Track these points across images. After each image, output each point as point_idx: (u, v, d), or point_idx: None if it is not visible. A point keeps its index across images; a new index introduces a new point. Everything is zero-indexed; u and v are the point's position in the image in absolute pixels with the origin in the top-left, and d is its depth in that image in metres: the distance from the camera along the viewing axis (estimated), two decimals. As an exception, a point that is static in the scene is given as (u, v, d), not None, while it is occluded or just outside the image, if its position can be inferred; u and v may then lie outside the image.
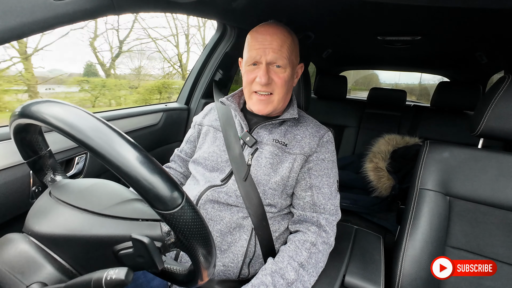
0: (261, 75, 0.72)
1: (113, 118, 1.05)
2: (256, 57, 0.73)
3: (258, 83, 0.73)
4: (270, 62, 0.73)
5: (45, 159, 0.50)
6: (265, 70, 0.72)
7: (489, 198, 0.82)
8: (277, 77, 0.73)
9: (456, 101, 1.78)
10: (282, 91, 0.75)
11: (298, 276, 0.67)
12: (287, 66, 0.74)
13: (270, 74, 0.73)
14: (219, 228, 0.73)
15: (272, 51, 0.71)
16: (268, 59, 0.72)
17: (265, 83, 0.72)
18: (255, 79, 0.74)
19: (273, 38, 0.72)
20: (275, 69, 0.73)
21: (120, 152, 0.33)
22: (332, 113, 2.16)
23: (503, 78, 0.81)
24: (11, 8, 0.49)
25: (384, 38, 1.51)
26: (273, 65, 0.73)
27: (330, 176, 0.78)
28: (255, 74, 0.74)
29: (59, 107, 0.35)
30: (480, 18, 1.05)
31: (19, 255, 0.38)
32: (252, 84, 0.76)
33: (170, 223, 0.35)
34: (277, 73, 0.73)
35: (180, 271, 0.45)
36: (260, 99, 0.75)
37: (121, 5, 0.68)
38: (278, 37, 0.72)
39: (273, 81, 0.74)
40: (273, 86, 0.74)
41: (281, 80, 0.74)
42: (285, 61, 0.73)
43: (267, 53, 0.72)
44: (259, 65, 0.74)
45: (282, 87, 0.74)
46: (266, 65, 0.72)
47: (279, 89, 0.74)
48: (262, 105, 0.76)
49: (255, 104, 0.77)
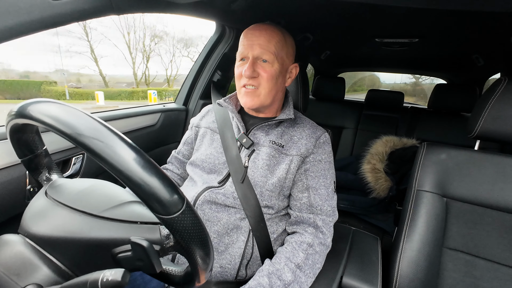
0: (246, 68, 0.73)
1: (110, 119, 1.04)
2: (244, 52, 0.75)
3: (244, 76, 0.74)
4: (257, 57, 0.74)
5: (41, 158, 0.49)
6: (250, 63, 0.73)
7: (485, 199, 0.82)
8: (263, 70, 0.74)
9: (453, 103, 1.79)
10: (268, 85, 0.75)
11: (295, 277, 0.67)
12: (274, 61, 0.75)
13: (256, 68, 0.74)
14: (216, 229, 0.72)
15: (258, 47, 0.73)
16: (255, 54, 0.73)
17: (249, 75, 0.73)
18: (242, 73, 0.75)
19: (261, 34, 0.74)
20: (262, 64, 0.75)
21: (122, 155, 0.32)
22: (330, 115, 2.16)
23: (500, 80, 0.82)
24: (8, 8, 0.48)
25: (382, 40, 1.52)
26: (260, 59, 0.74)
27: (327, 177, 0.78)
28: (243, 68, 0.75)
29: (57, 108, 0.35)
30: (477, 20, 1.06)
31: (14, 257, 0.38)
32: (241, 79, 0.77)
33: (170, 227, 0.34)
34: (264, 67, 0.75)
35: (178, 273, 0.45)
36: (247, 91, 0.77)
37: (120, 6, 0.68)
38: (266, 33, 0.74)
39: (259, 74, 0.75)
40: (259, 80, 0.75)
41: (267, 74, 0.74)
42: (271, 56, 0.74)
43: (254, 49, 0.73)
44: (247, 60, 0.75)
45: (268, 81, 0.75)
46: (253, 59, 0.74)
47: (265, 82, 0.75)
48: (249, 97, 0.77)
49: (243, 97, 0.78)
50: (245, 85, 0.76)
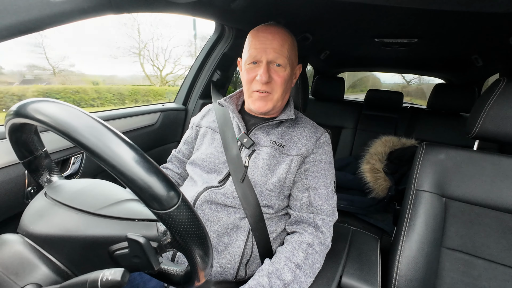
0: (261, 73, 0.72)
1: (110, 118, 1.04)
2: (257, 56, 0.73)
3: (259, 81, 0.73)
4: (271, 61, 0.73)
5: (41, 160, 0.49)
6: (265, 68, 0.72)
7: (484, 199, 0.83)
8: (277, 75, 0.74)
9: (452, 103, 1.80)
10: (281, 89, 0.75)
11: (295, 277, 0.67)
12: (287, 65, 0.74)
13: (270, 73, 0.73)
14: (216, 228, 0.72)
15: (273, 50, 0.72)
16: (269, 58, 0.72)
17: (265, 81, 0.72)
18: (255, 77, 0.74)
19: (274, 37, 0.73)
20: (275, 68, 0.74)
21: (116, 151, 0.32)
22: (330, 115, 2.17)
23: (498, 81, 0.82)
24: (7, 7, 0.48)
25: (381, 40, 1.53)
26: (273, 64, 0.74)
27: (327, 177, 0.78)
28: (255, 73, 0.74)
29: (55, 106, 0.35)
30: (476, 21, 1.06)
31: (13, 256, 0.37)
32: (252, 83, 0.76)
33: (166, 222, 0.34)
34: (277, 71, 0.74)
35: (177, 272, 0.45)
36: (261, 96, 0.76)
37: (119, 5, 0.68)
38: (279, 37, 0.73)
39: (273, 79, 0.74)
40: (273, 85, 0.75)
41: (281, 79, 0.74)
42: (285, 60, 0.73)
43: (268, 52, 0.72)
44: (259, 63, 0.74)
45: (281, 85, 0.75)
46: (267, 63, 0.73)
47: (278, 87, 0.75)
48: (262, 102, 0.76)
49: (255, 102, 0.77)
50: (258, 90, 0.75)
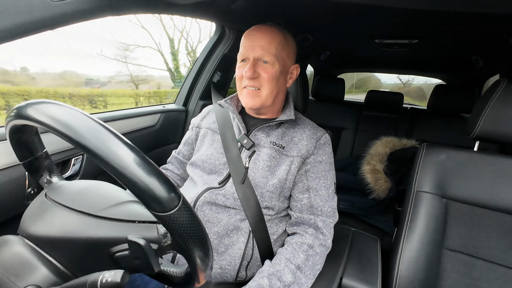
0: (247, 69, 0.74)
1: (110, 119, 1.04)
2: (245, 54, 0.75)
3: (245, 77, 0.75)
4: (258, 58, 0.74)
5: (41, 161, 0.49)
6: (251, 64, 0.74)
7: (484, 200, 0.82)
8: (264, 71, 0.75)
9: (452, 104, 1.80)
10: (270, 86, 0.76)
11: (295, 278, 0.66)
12: (275, 63, 0.75)
13: (257, 69, 0.74)
14: (217, 230, 0.72)
15: (260, 48, 0.73)
16: (256, 55, 0.74)
17: (249, 76, 0.73)
18: (243, 74, 0.76)
19: (262, 35, 0.74)
20: (263, 65, 0.75)
21: (117, 153, 0.32)
22: (330, 115, 2.17)
23: (499, 81, 0.82)
24: (8, 8, 0.48)
25: (381, 41, 1.53)
26: (261, 60, 0.75)
27: (327, 178, 0.78)
28: (244, 70, 0.75)
29: (55, 108, 0.35)
30: (477, 22, 1.06)
31: (13, 257, 0.37)
32: (242, 80, 0.77)
33: (166, 225, 0.34)
34: (265, 68, 0.75)
35: (177, 274, 0.45)
36: (249, 92, 0.77)
37: (120, 6, 0.68)
38: (268, 35, 0.74)
39: (260, 75, 0.75)
40: (261, 81, 0.75)
41: (268, 75, 0.75)
42: (272, 57, 0.74)
43: (255, 50, 0.74)
44: (247, 61, 0.76)
45: (269, 81, 0.75)
46: (254, 60, 0.74)
47: (267, 83, 0.75)
48: (250, 98, 0.77)
49: (244, 98, 0.78)
50: (246, 86, 0.76)
